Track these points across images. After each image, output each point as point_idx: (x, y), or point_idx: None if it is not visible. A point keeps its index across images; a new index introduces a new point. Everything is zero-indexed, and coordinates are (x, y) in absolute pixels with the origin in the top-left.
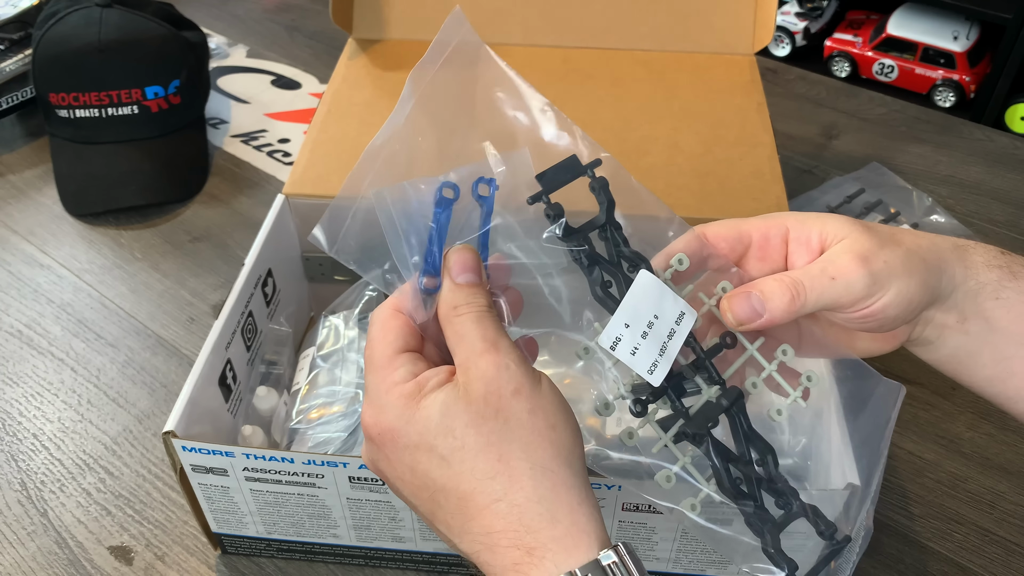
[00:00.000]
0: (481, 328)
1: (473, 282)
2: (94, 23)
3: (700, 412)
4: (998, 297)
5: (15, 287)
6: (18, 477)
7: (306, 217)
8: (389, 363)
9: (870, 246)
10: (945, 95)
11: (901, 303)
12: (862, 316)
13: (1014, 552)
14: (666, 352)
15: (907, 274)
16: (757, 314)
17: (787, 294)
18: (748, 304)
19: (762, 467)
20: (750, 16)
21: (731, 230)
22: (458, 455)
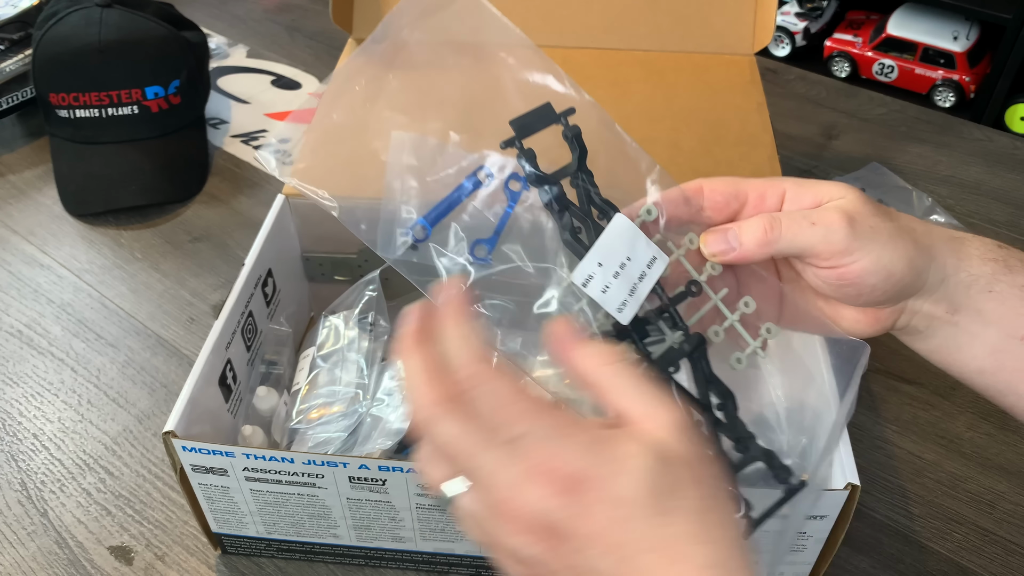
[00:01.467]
0: (640, 380)
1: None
2: (94, 23)
3: (663, 356)
4: (991, 290)
5: (15, 287)
6: (18, 477)
7: (306, 217)
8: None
9: (863, 210)
10: (945, 95)
11: (880, 272)
12: (838, 276)
13: (1014, 552)
14: (635, 293)
15: (892, 245)
16: (731, 247)
17: (761, 227)
18: (723, 238)
19: (722, 411)
20: (750, 16)
21: (729, 186)
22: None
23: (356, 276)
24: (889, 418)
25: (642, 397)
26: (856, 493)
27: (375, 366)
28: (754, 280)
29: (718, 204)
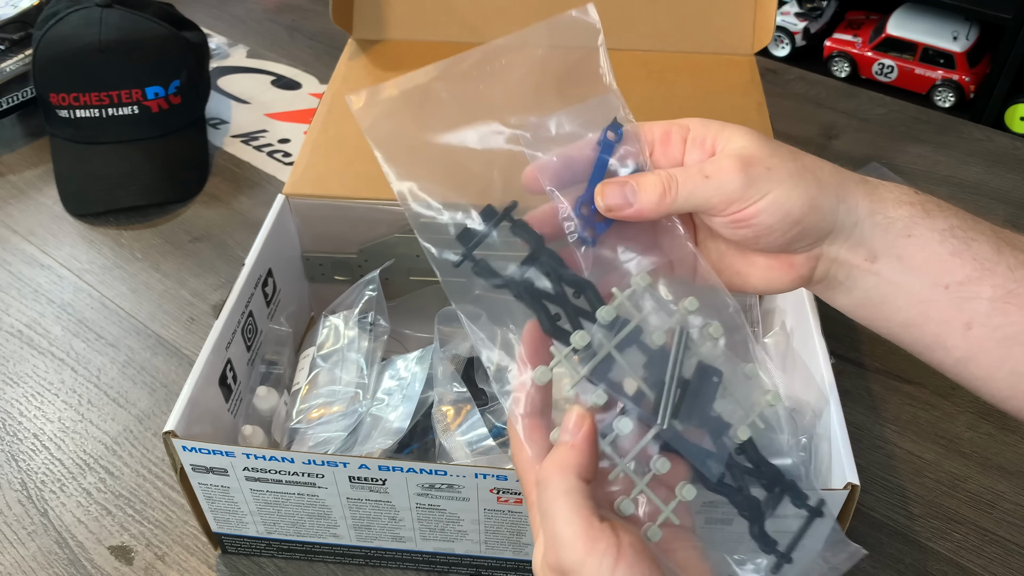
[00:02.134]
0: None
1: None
2: (94, 23)
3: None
4: (910, 235)
5: (15, 287)
6: (18, 477)
7: (306, 217)
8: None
9: (759, 154)
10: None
11: (777, 212)
12: (734, 220)
13: (1013, 552)
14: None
15: (791, 184)
16: (628, 203)
17: (659, 187)
18: (621, 192)
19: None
20: (750, 16)
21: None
22: None
23: (356, 276)
24: (889, 418)
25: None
26: (856, 493)
27: (375, 366)
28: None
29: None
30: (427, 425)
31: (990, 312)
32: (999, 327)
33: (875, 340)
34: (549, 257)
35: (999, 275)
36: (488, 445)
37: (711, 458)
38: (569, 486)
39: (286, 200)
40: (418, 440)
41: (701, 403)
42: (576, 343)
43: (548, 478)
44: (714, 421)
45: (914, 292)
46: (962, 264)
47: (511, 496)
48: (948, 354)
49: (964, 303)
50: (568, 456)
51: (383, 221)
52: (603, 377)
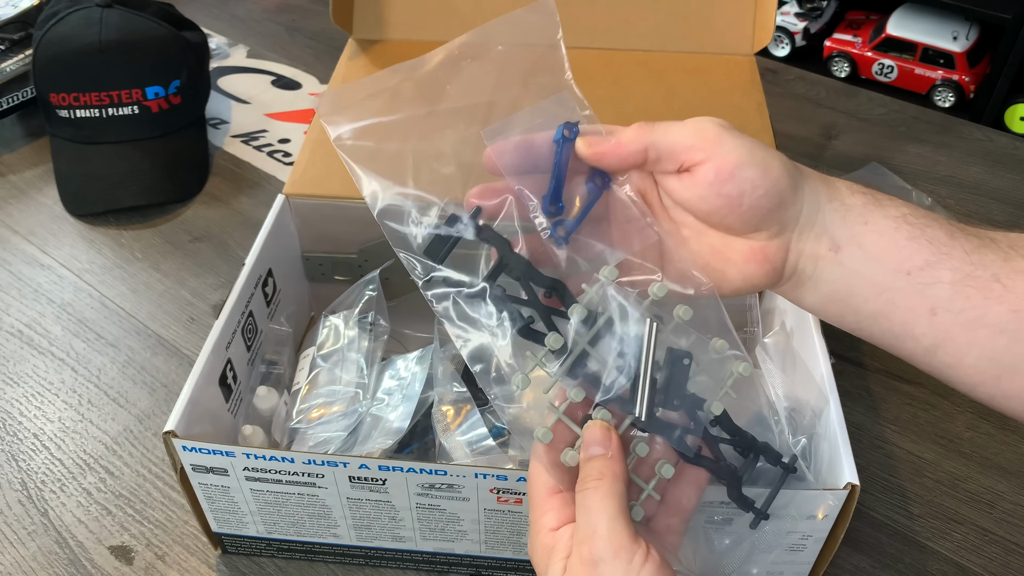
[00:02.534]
0: (591, 505)
1: (595, 455)
2: (94, 23)
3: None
4: (867, 222)
5: (15, 287)
6: (18, 477)
7: (306, 217)
8: (541, 504)
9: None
10: (945, 95)
11: (757, 164)
12: (716, 171)
13: (1013, 552)
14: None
15: (761, 146)
16: (606, 139)
17: (635, 125)
18: (599, 137)
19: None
20: (750, 16)
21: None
22: None
23: (356, 276)
24: (889, 418)
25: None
26: (856, 493)
27: (375, 366)
28: (635, 231)
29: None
30: (427, 425)
31: (952, 296)
32: (962, 311)
33: None
34: (517, 262)
35: (956, 258)
36: (488, 445)
37: (687, 435)
38: (618, 491)
39: (286, 200)
40: (418, 440)
41: (676, 386)
42: (550, 345)
43: (599, 482)
44: (689, 399)
45: (878, 280)
46: (919, 249)
47: (511, 496)
48: (917, 343)
49: (926, 288)
50: (610, 465)
51: None
52: (580, 372)
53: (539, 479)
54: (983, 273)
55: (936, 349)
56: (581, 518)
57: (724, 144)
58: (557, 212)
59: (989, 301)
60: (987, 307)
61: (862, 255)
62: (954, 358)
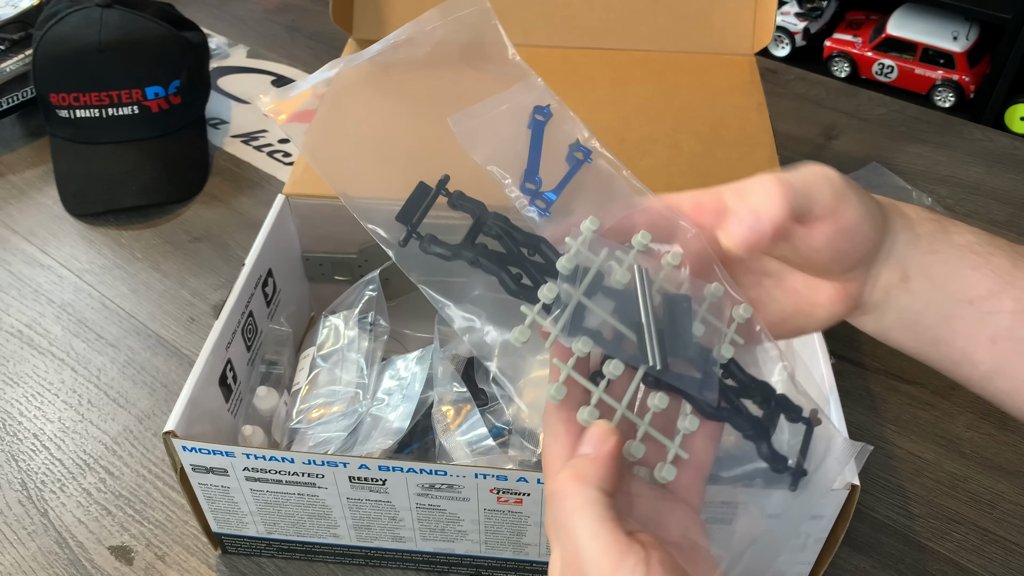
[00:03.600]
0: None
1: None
2: (94, 23)
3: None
4: (934, 251)
5: (15, 287)
6: (18, 477)
7: (306, 217)
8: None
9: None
10: (945, 95)
11: (872, 219)
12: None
13: (1013, 552)
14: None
15: (857, 195)
16: (754, 226)
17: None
18: (739, 221)
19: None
20: (750, 16)
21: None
22: None
23: (356, 276)
24: (889, 418)
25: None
26: (856, 493)
27: (375, 366)
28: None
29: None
30: (427, 425)
31: (1013, 325)
32: (1022, 339)
33: (875, 340)
34: (496, 220)
35: (1019, 288)
36: (488, 445)
37: (703, 385)
38: (588, 497)
39: (286, 200)
40: (418, 440)
41: (679, 333)
42: (544, 297)
43: (563, 489)
44: (695, 348)
45: (941, 309)
46: (983, 278)
47: (511, 496)
48: (975, 369)
49: (988, 317)
50: (588, 467)
51: None
52: (579, 328)
53: (552, 450)
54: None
55: (994, 376)
56: (560, 534)
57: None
58: (536, 188)
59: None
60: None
61: (928, 285)
62: (1012, 384)
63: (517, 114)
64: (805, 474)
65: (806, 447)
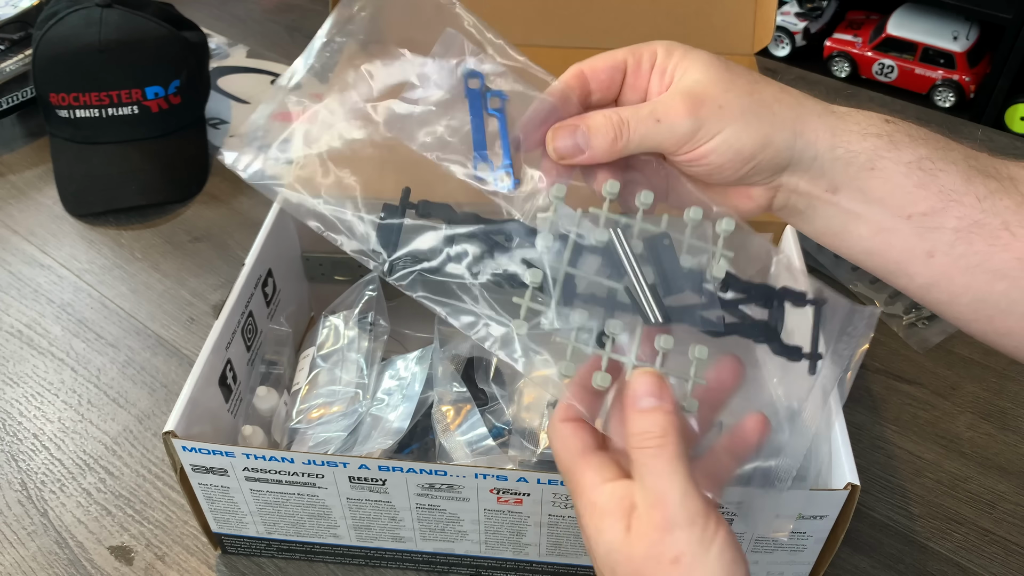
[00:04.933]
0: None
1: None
2: (94, 23)
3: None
4: (873, 167)
5: (15, 287)
6: (18, 477)
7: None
8: (575, 466)
9: (713, 91)
10: (945, 95)
11: (727, 151)
12: (687, 159)
13: (1014, 552)
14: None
15: (743, 122)
16: (580, 150)
17: (611, 133)
18: (572, 139)
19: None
20: (750, 16)
21: (607, 59)
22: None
23: (356, 276)
24: (889, 418)
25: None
26: (856, 493)
27: (375, 366)
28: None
29: (603, 83)
30: (427, 425)
31: (953, 242)
32: (962, 256)
33: (875, 340)
34: (465, 218)
35: (966, 205)
36: (488, 445)
37: (705, 310)
38: (683, 451)
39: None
40: (418, 440)
41: (670, 269)
42: (531, 280)
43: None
44: (689, 277)
45: (875, 222)
46: (926, 196)
47: (511, 496)
48: (911, 280)
49: (927, 233)
50: (671, 421)
51: None
52: (572, 298)
53: (566, 442)
54: (992, 220)
55: (931, 287)
56: (648, 480)
57: (697, 140)
58: (489, 168)
59: (994, 248)
60: (990, 254)
61: (862, 198)
62: (949, 296)
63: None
64: (821, 357)
65: (817, 327)
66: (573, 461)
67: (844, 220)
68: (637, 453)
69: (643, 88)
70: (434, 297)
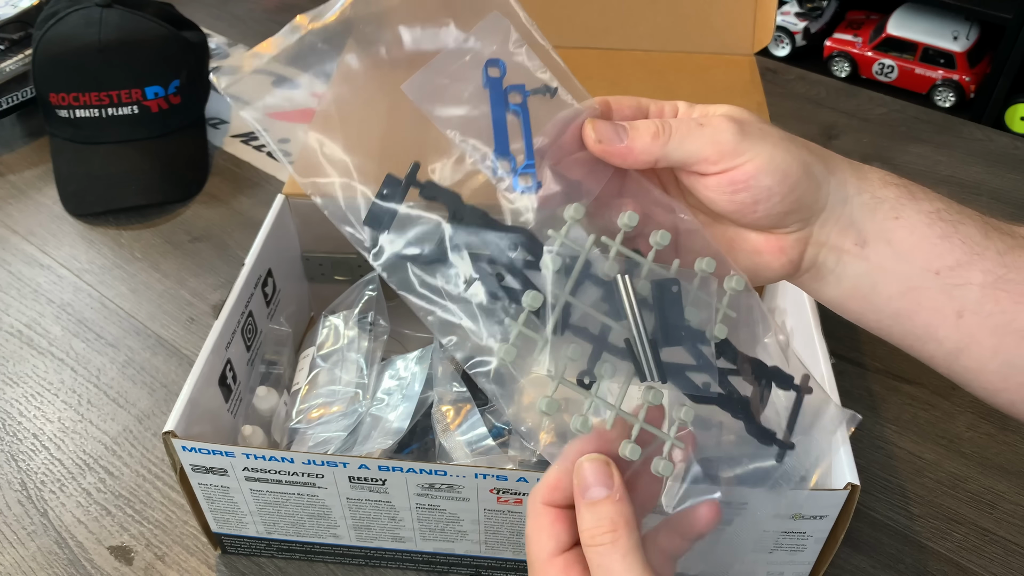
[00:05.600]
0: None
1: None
2: (94, 23)
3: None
4: (898, 216)
5: (15, 287)
6: (18, 477)
7: (306, 217)
8: (543, 568)
9: (750, 117)
10: (945, 95)
11: (775, 172)
12: (730, 180)
13: (1014, 552)
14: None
15: (784, 146)
16: (619, 139)
17: (651, 128)
18: (612, 128)
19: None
20: (750, 16)
21: (632, 100)
22: None
23: (356, 276)
24: (889, 418)
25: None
26: (856, 493)
27: (375, 366)
28: (656, 208)
29: (626, 118)
30: (427, 425)
31: (981, 299)
32: (991, 315)
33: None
34: (472, 214)
35: (988, 259)
36: (488, 445)
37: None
38: (636, 542)
39: (286, 200)
40: (418, 440)
41: (672, 319)
42: (529, 304)
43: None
44: (688, 333)
45: (904, 278)
46: (951, 248)
47: (511, 496)
48: (940, 346)
49: (955, 290)
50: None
51: None
52: (566, 325)
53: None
54: (1016, 276)
55: (959, 353)
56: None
57: (741, 155)
58: (511, 167)
59: (1019, 306)
60: (1017, 312)
61: (890, 251)
62: (978, 363)
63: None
64: (792, 447)
65: (795, 415)
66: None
67: (873, 278)
68: (590, 552)
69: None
70: (419, 293)
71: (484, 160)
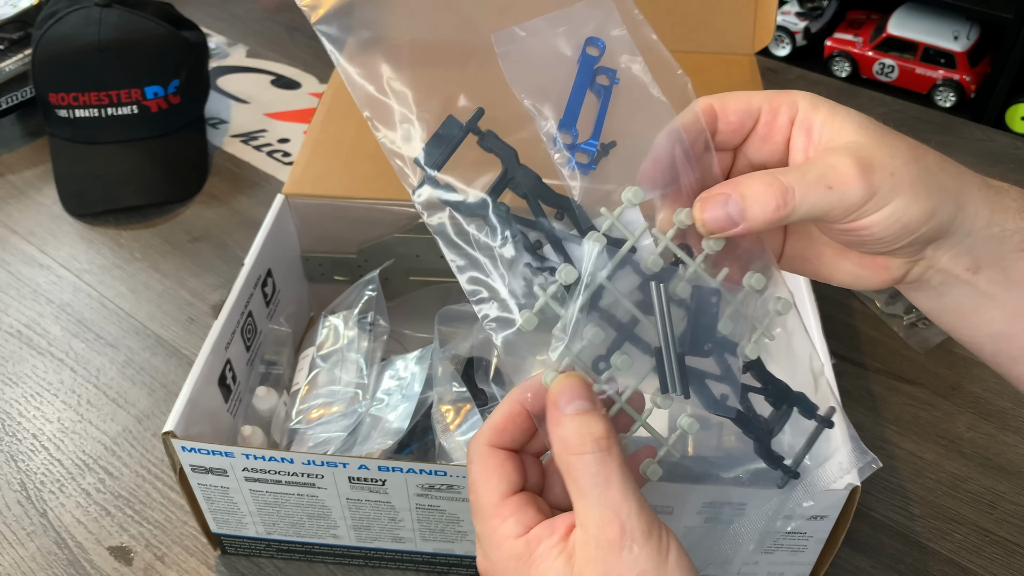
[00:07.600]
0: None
1: (585, 410)
2: (94, 23)
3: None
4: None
5: (15, 287)
6: (18, 477)
7: (306, 217)
8: (496, 511)
9: (880, 155)
10: (945, 95)
11: (895, 226)
12: (845, 229)
13: (1014, 552)
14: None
15: (912, 193)
16: (732, 222)
17: (772, 201)
18: (723, 211)
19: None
20: (750, 16)
21: (742, 102)
22: None
23: (356, 276)
24: (889, 418)
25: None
26: (856, 493)
27: (374, 366)
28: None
29: (732, 126)
30: (427, 425)
31: None
32: None
33: (875, 340)
34: (525, 175)
35: None
36: None
37: (719, 385)
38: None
39: (286, 200)
40: (418, 440)
41: (702, 328)
42: (563, 279)
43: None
44: (719, 343)
45: (1011, 306)
46: None
47: None
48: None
49: None
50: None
51: (383, 221)
52: (594, 306)
53: (490, 480)
54: None
55: None
56: (594, 493)
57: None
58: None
59: None
60: None
61: (1003, 279)
62: None
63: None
64: (797, 476)
65: (808, 445)
66: (491, 507)
67: (978, 302)
68: (576, 460)
69: (778, 142)
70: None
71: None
